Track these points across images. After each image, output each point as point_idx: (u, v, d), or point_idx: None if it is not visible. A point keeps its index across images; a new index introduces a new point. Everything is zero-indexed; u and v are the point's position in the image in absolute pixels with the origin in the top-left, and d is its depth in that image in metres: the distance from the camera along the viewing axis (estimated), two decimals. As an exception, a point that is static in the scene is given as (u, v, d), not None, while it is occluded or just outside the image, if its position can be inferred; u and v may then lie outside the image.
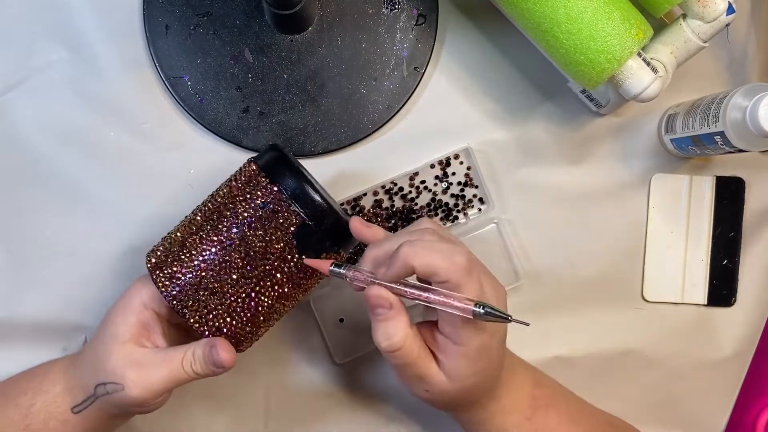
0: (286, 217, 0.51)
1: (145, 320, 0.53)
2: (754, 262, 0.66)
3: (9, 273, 0.62)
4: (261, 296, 0.52)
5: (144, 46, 0.62)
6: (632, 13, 0.55)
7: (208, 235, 0.52)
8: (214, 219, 0.52)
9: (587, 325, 0.66)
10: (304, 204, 0.52)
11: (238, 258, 0.51)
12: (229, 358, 0.51)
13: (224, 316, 0.52)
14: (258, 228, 0.51)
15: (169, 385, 0.51)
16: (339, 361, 0.64)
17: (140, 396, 0.51)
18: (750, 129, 0.53)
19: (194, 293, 0.51)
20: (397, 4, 0.63)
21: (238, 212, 0.52)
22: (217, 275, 0.51)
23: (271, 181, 0.52)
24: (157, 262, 0.52)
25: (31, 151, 0.62)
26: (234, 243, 0.51)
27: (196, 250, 0.52)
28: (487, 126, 0.65)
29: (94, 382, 0.52)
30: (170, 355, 0.52)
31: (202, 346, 0.51)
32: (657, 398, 0.66)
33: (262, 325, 0.54)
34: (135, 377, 0.51)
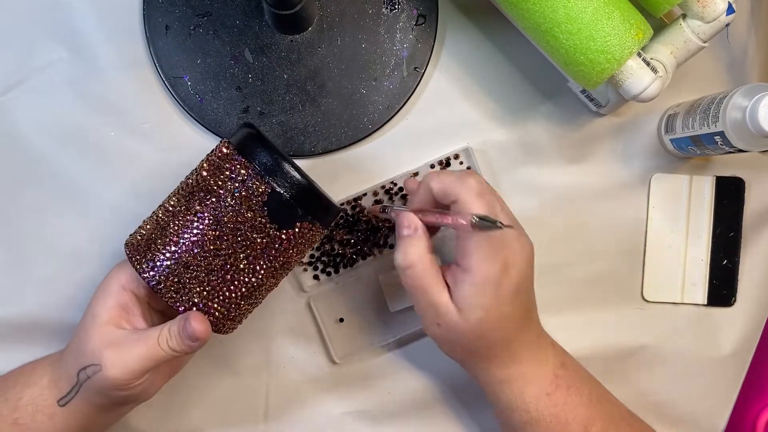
0: (256, 186, 0.51)
1: (123, 302, 0.53)
2: (754, 262, 0.66)
3: (9, 273, 0.62)
4: (236, 270, 0.52)
5: (144, 46, 0.62)
6: (632, 13, 0.55)
7: (182, 213, 0.52)
8: (186, 198, 0.53)
9: (587, 325, 0.66)
10: (274, 174, 0.51)
11: (211, 233, 0.51)
12: (202, 329, 0.51)
13: (201, 293, 0.52)
14: (229, 202, 0.51)
15: (146, 362, 0.51)
16: (339, 360, 0.64)
17: (118, 375, 0.50)
18: (750, 129, 0.53)
19: (170, 271, 0.51)
20: (397, 4, 0.63)
21: (209, 189, 0.52)
22: (191, 252, 0.51)
23: (241, 156, 0.52)
24: (134, 244, 0.53)
25: (31, 151, 0.62)
26: (207, 219, 0.51)
27: (171, 230, 0.52)
28: (487, 126, 0.65)
29: (76, 369, 0.52)
30: (147, 333, 0.52)
31: (177, 322, 0.51)
32: (657, 398, 0.66)
33: (242, 302, 0.54)
34: (112, 356, 0.51)
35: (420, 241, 0.53)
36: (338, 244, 0.63)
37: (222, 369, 0.63)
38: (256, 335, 0.63)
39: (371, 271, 0.64)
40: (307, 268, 0.63)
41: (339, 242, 0.63)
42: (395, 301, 0.64)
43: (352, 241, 0.63)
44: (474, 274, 0.51)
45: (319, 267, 0.63)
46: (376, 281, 0.64)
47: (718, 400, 0.67)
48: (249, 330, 0.63)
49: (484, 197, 0.51)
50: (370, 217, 0.63)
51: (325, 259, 0.63)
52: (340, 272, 0.63)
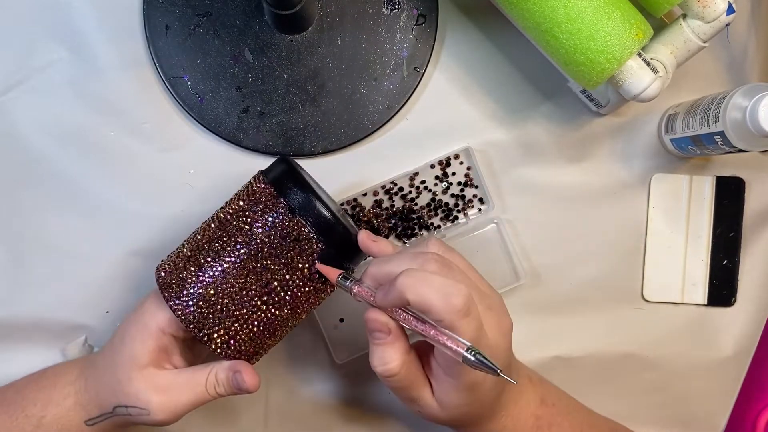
0: (305, 244, 0.51)
1: (163, 345, 0.53)
2: (754, 262, 0.66)
3: (9, 273, 0.62)
4: (277, 318, 0.52)
5: (144, 46, 0.62)
6: (632, 13, 0.55)
7: (220, 254, 0.51)
8: (226, 237, 0.52)
9: (587, 325, 0.66)
10: (314, 221, 0.51)
11: (253, 277, 0.51)
12: (254, 383, 0.52)
13: (243, 339, 0.52)
14: (272, 247, 0.51)
15: (193, 407, 0.52)
16: (339, 361, 0.64)
17: (167, 419, 0.51)
18: (750, 129, 0.53)
19: (211, 317, 0.51)
20: (397, 4, 0.63)
21: (251, 231, 0.51)
22: (232, 296, 0.51)
23: (282, 197, 0.51)
24: (169, 281, 0.52)
25: (31, 151, 0.62)
26: (248, 263, 0.51)
27: (210, 271, 0.51)
28: (487, 126, 0.65)
29: (111, 403, 0.52)
30: (194, 379, 0.52)
31: (225, 371, 0.52)
32: (657, 398, 0.66)
33: (277, 339, 0.55)
34: (160, 403, 0.51)
35: (398, 343, 0.48)
36: (338, 244, 0.63)
37: (222, 369, 0.63)
38: (256, 335, 0.63)
39: (371, 271, 0.64)
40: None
41: (339, 242, 0.63)
42: (395, 301, 0.63)
43: (352, 241, 0.63)
44: (459, 381, 0.48)
45: (319, 267, 0.63)
46: (376, 281, 0.64)
47: (718, 400, 0.67)
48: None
49: (471, 314, 0.45)
50: (370, 217, 0.63)
51: (325, 259, 0.63)
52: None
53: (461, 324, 0.45)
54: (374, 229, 0.63)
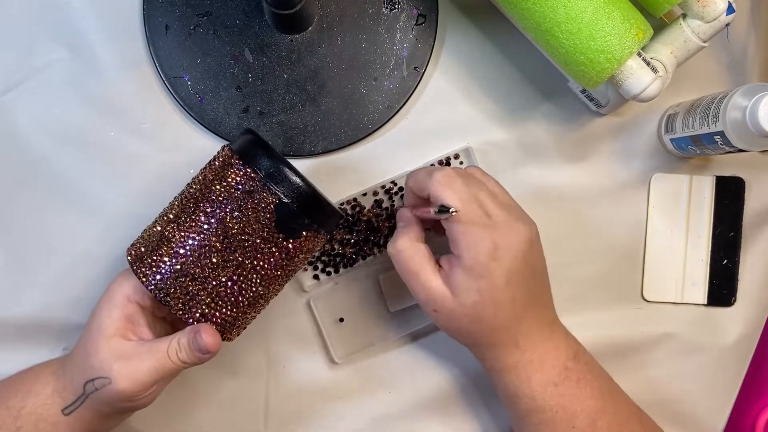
0: (263, 197, 0.51)
1: (129, 313, 0.53)
2: (754, 262, 0.66)
3: (9, 273, 0.62)
4: (244, 280, 0.52)
5: (144, 46, 0.62)
6: (632, 13, 0.55)
7: (186, 222, 0.52)
8: (191, 206, 0.52)
9: (587, 325, 0.65)
10: (279, 182, 0.52)
11: (217, 242, 0.51)
12: (213, 342, 0.51)
13: (208, 302, 0.52)
14: (234, 210, 0.51)
15: (156, 375, 0.51)
16: (339, 360, 0.64)
17: (128, 388, 0.51)
18: (750, 129, 0.53)
19: (176, 281, 0.51)
20: (397, 4, 0.63)
21: (213, 197, 0.52)
22: (197, 261, 0.51)
23: (245, 163, 0.52)
24: (137, 254, 0.53)
25: (31, 151, 0.62)
26: (212, 228, 0.51)
27: (175, 239, 0.52)
28: (487, 126, 0.65)
29: (82, 380, 0.52)
30: (156, 346, 0.52)
31: (187, 334, 0.52)
32: (657, 398, 0.66)
33: (248, 310, 0.54)
34: (122, 370, 0.51)
35: (409, 230, 0.55)
36: (338, 244, 0.63)
37: (222, 369, 0.63)
38: (255, 335, 0.63)
39: (371, 271, 0.64)
40: (307, 268, 0.63)
41: (339, 242, 0.63)
42: (395, 301, 0.64)
43: (352, 241, 0.63)
44: (463, 258, 0.52)
45: (319, 267, 0.63)
46: (376, 281, 0.64)
47: (717, 399, 0.66)
48: (249, 330, 0.62)
49: (451, 185, 0.52)
50: (370, 217, 0.63)
51: (325, 258, 0.63)
52: (340, 272, 0.63)
53: (442, 191, 0.52)
54: (374, 228, 0.63)
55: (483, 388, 0.65)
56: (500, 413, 0.65)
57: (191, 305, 0.52)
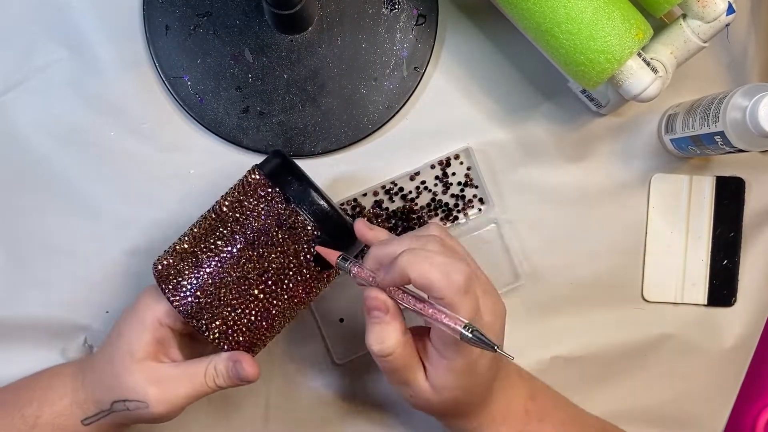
0: (300, 232, 0.52)
1: (160, 337, 0.53)
2: (754, 262, 0.66)
3: (9, 273, 0.62)
4: (275, 307, 0.53)
5: (144, 46, 0.62)
6: (632, 13, 0.55)
7: (218, 246, 0.52)
8: (223, 228, 0.52)
9: (587, 325, 0.66)
10: (314, 215, 0.52)
11: (250, 267, 0.51)
12: (254, 373, 0.51)
13: (241, 329, 0.52)
14: (270, 239, 0.51)
15: (192, 399, 0.52)
16: (339, 361, 0.64)
17: (165, 412, 0.51)
18: (750, 129, 0.53)
19: (210, 308, 0.51)
20: (397, 4, 0.63)
21: (247, 221, 0.52)
22: (230, 287, 0.51)
23: (277, 188, 0.52)
24: (167, 275, 0.52)
25: (31, 152, 0.62)
26: (245, 253, 0.51)
27: (207, 263, 0.51)
28: (487, 126, 0.65)
29: (109, 398, 0.52)
30: (192, 370, 0.52)
31: (224, 361, 0.52)
32: (657, 398, 0.66)
33: (276, 332, 0.55)
34: (158, 395, 0.51)
35: (395, 323, 0.49)
36: (338, 244, 0.63)
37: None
38: (256, 335, 0.63)
39: (371, 271, 0.64)
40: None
41: (339, 242, 0.63)
42: (395, 301, 0.63)
43: (352, 241, 0.63)
44: (454, 362, 0.48)
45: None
46: (376, 281, 0.64)
47: (717, 400, 0.67)
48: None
49: (470, 293, 0.46)
50: (370, 217, 0.63)
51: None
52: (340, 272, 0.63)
53: (460, 301, 0.45)
54: (374, 229, 0.63)
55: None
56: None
57: (226, 334, 0.52)
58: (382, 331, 0.48)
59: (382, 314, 0.48)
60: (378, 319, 0.48)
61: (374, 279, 0.49)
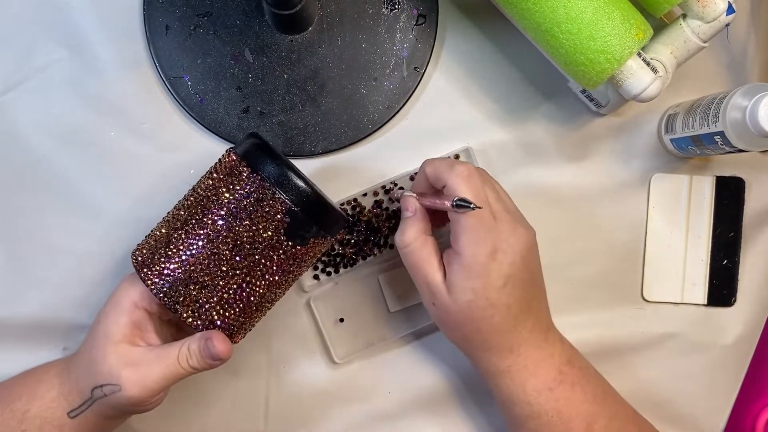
0: (271, 204, 0.51)
1: (137, 319, 0.53)
2: (754, 262, 0.66)
3: (9, 273, 0.62)
4: (252, 286, 0.52)
5: (144, 46, 0.62)
6: (632, 13, 0.55)
7: (194, 228, 0.52)
8: (198, 212, 0.52)
9: (587, 325, 0.66)
10: (288, 190, 0.52)
11: (225, 249, 0.51)
12: (226, 349, 0.51)
13: (216, 309, 0.52)
14: (244, 218, 0.51)
15: (166, 382, 0.51)
16: (339, 361, 0.64)
17: (138, 395, 0.51)
18: (750, 129, 0.53)
19: (184, 288, 0.51)
20: (397, 4, 0.63)
21: (222, 203, 0.52)
22: (206, 268, 0.51)
23: (252, 169, 0.52)
24: (144, 260, 0.52)
25: (31, 151, 0.62)
26: (220, 234, 0.51)
27: (183, 245, 0.52)
28: (487, 126, 0.65)
29: (89, 385, 0.52)
30: (165, 352, 0.52)
31: (197, 340, 0.52)
32: (657, 398, 0.66)
33: (255, 314, 0.54)
34: (131, 377, 0.51)
35: (417, 221, 0.55)
36: (338, 244, 0.63)
37: (222, 369, 0.63)
38: (256, 335, 0.63)
39: (371, 271, 0.64)
40: (307, 268, 0.63)
41: (339, 242, 0.63)
42: (395, 301, 0.64)
43: (352, 241, 0.63)
44: (462, 256, 0.52)
45: (319, 267, 0.63)
46: (376, 281, 0.64)
47: (717, 399, 0.67)
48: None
49: (471, 181, 0.52)
50: (370, 217, 0.63)
51: (325, 258, 0.63)
52: (340, 272, 0.63)
53: (463, 186, 0.52)
54: (374, 229, 0.63)
55: (483, 389, 0.64)
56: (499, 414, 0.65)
57: (200, 312, 0.52)
58: (405, 226, 0.55)
59: (408, 213, 0.56)
60: (408, 215, 0.56)
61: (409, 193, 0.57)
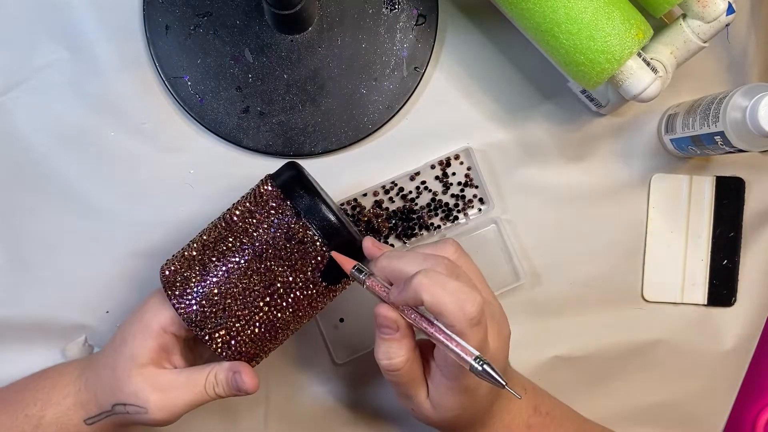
0: (308, 247, 0.51)
1: (164, 343, 0.53)
2: (754, 262, 0.66)
3: (9, 273, 0.62)
4: (280, 321, 0.52)
5: (144, 46, 0.62)
6: (632, 13, 0.55)
7: (226, 255, 0.51)
8: (232, 238, 0.52)
9: (587, 325, 0.66)
10: (320, 225, 0.51)
11: (257, 279, 0.51)
12: (253, 384, 0.52)
13: (245, 339, 0.52)
14: (279, 252, 0.51)
15: (191, 407, 0.52)
16: (339, 361, 0.64)
17: (163, 419, 0.51)
18: (750, 129, 0.53)
19: (213, 317, 0.51)
20: (397, 4, 0.63)
21: (256, 232, 0.51)
22: (236, 297, 0.51)
23: (288, 200, 0.52)
24: (174, 282, 0.52)
25: (31, 151, 0.62)
26: (253, 264, 0.51)
27: (215, 272, 0.51)
28: (487, 126, 0.65)
29: (110, 401, 0.52)
30: (193, 379, 0.52)
31: (225, 371, 0.52)
32: (657, 398, 0.66)
33: (278, 342, 0.55)
34: (158, 401, 0.51)
35: (405, 341, 0.49)
36: (338, 244, 0.63)
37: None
38: (256, 335, 0.63)
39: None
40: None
41: (339, 242, 0.63)
42: (395, 301, 0.63)
43: (352, 241, 0.63)
44: (456, 383, 0.48)
45: (319, 267, 0.63)
46: (376, 281, 0.64)
47: (717, 400, 0.67)
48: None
49: (481, 324, 0.46)
50: (370, 217, 0.63)
51: (325, 259, 0.63)
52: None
53: (471, 332, 0.45)
54: (374, 229, 0.63)
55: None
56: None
57: (230, 344, 0.52)
58: (391, 348, 0.49)
59: (392, 332, 0.48)
60: (388, 335, 0.49)
61: (387, 294, 0.49)
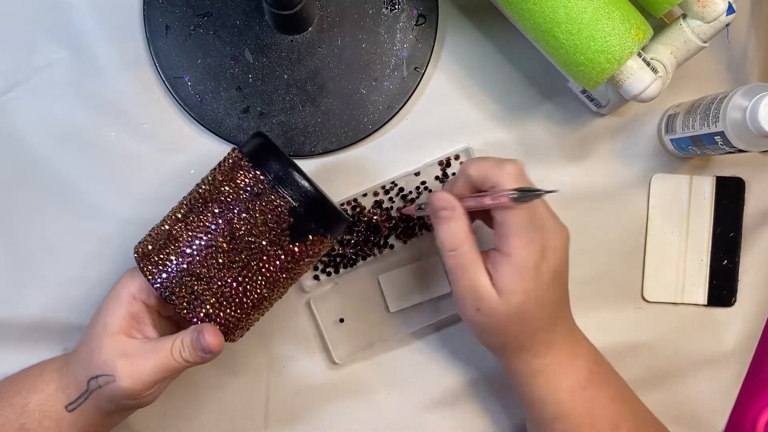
0: (272, 200, 0.52)
1: (134, 311, 0.53)
2: (754, 262, 0.66)
3: (9, 273, 0.62)
4: (250, 282, 0.52)
5: (144, 46, 0.62)
6: (632, 13, 0.55)
7: (194, 222, 0.52)
8: (199, 207, 0.53)
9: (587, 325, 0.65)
10: (289, 187, 0.52)
11: (223, 243, 0.51)
12: (216, 343, 0.51)
13: (212, 302, 0.52)
14: (242, 212, 0.52)
15: (159, 374, 0.51)
16: (339, 361, 0.64)
17: (131, 386, 0.51)
18: (750, 129, 0.53)
19: (181, 280, 0.51)
20: (397, 4, 0.63)
21: (222, 198, 0.52)
22: (203, 261, 0.52)
23: (254, 166, 0.52)
24: (144, 252, 0.53)
25: (30, 151, 0.62)
26: (219, 229, 0.52)
27: (182, 238, 0.52)
28: (487, 126, 0.65)
29: (86, 377, 0.52)
30: (160, 345, 0.52)
31: (190, 333, 0.52)
32: (657, 398, 0.66)
33: (252, 312, 0.54)
34: (125, 368, 0.51)
35: (462, 220, 0.52)
36: (338, 244, 0.63)
37: (222, 369, 0.63)
38: (256, 335, 0.63)
39: (371, 271, 0.64)
40: (307, 268, 0.63)
41: (339, 242, 0.63)
42: (395, 301, 0.64)
43: (352, 241, 0.63)
44: (514, 257, 0.50)
45: (319, 267, 0.63)
46: (376, 281, 0.64)
47: (718, 400, 0.67)
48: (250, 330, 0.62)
49: (523, 180, 0.51)
50: (370, 217, 0.63)
51: (325, 259, 0.63)
52: (340, 272, 0.63)
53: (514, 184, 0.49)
54: (374, 229, 0.63)
55: (483, 389, 0.65)
56: (498, 415, 0.65)
57: (196, 305, 0.52)
58: (450, 226, 0.52)
59: (449, 211, 0.52)
60: (446, 215, 0.52)
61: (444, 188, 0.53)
